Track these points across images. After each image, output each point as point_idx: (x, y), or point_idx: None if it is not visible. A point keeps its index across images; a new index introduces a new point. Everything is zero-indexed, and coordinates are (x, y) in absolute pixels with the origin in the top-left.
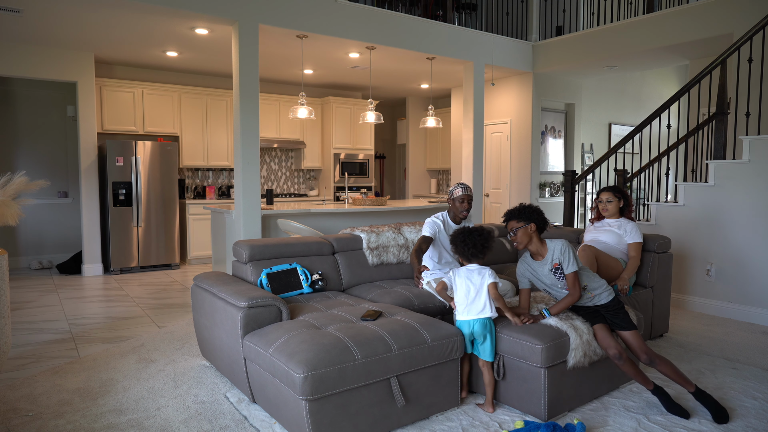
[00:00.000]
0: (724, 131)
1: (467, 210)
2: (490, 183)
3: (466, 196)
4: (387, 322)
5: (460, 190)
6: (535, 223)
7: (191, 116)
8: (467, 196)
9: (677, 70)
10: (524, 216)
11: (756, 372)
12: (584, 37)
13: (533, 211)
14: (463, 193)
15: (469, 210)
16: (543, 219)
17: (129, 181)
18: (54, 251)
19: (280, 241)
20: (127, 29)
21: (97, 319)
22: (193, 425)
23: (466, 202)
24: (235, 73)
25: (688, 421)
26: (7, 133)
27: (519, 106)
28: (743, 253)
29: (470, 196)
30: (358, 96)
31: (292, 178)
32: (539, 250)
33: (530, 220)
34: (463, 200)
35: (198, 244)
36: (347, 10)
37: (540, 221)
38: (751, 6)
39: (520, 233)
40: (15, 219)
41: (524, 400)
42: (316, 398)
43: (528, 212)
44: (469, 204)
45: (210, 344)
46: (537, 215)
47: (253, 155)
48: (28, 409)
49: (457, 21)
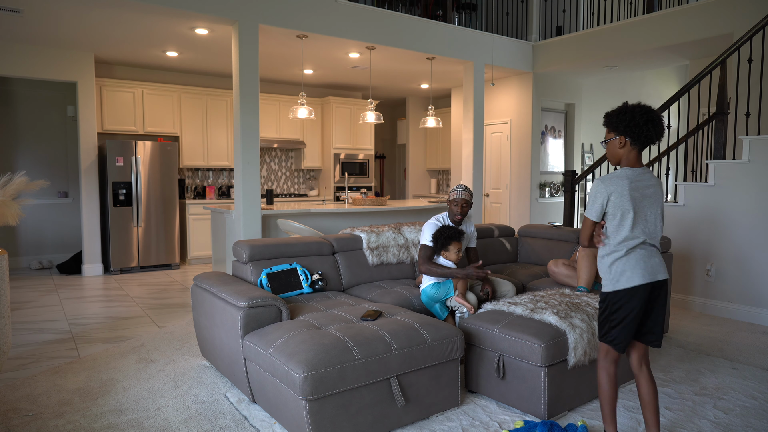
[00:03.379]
0: (724, 131)
1: (460, 214)
2: (490, 183)
3: (461, 200)
4: (387, 322)
5: (456, 193)
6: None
7: (191, 116)
8: (462, 200)
9: (677, 70)
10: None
11: (756, 372)
12: (584, 37)
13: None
14: (458, 196)
15: (462, 214)
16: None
17: (129, 181)
18: (54, 251)
19: (280, 241)
20: (127, 29)
21: (97, 319)
22: (193, 425)
23: (459, 206)
24: (235, 73)
25: (688, 422)
26: (7, 133)
27: (519, 106)
28: (743, 253)
29: (466, 200)
30: (358, 96)
31: (292, 178)
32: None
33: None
34: (457, 204)
35: (198, 244)
36: (347, 10)
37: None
38: (751, 6)
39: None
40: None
41: (524, 399)
42: (316, 398)
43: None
44: (462, 209)
45: (210, 344)
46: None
47: (253, 155)
48: (28, 409)
49: (457, 21)
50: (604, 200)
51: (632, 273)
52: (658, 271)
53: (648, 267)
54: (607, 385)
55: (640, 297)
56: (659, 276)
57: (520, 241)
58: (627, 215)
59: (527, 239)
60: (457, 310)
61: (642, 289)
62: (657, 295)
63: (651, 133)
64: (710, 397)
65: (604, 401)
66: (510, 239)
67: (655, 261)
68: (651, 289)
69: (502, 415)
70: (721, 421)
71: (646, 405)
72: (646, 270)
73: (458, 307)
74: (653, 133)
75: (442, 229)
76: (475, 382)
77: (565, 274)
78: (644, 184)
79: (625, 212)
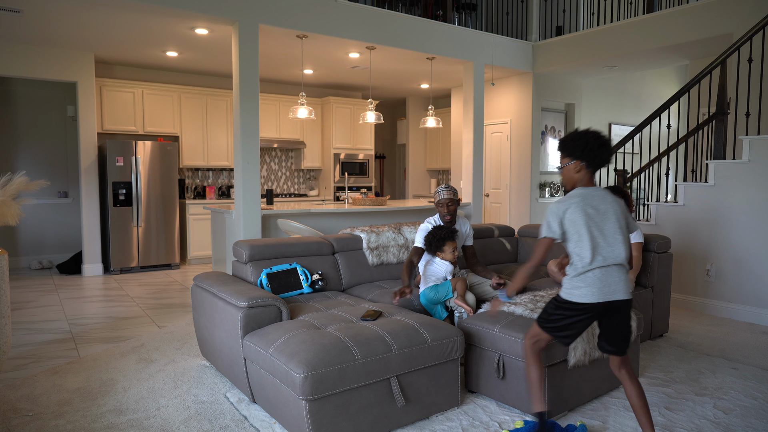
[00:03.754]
0: (724, 131)
1: (449, 214)
2: (490, 183)
3: (446, 201)
4: (387, 322)
5: (440, 194)
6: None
7: (191, 116)
8: (447, 200)
9: (677, 70)
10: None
11: (756, 372)
12: (584, 37)
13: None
14: (443, 197)
15: (451, 214)
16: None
17: (129, 181)
18: (54, 251)
19: (280, 241)
20: (127, 29)
21: (97, 319)
22: (193, 425)
23: (445, 207)
24: (235, 73)
25: (688, 422)
26: (7, 133)
27: (519, 106)
28: (743, 253)
29: (451, 199)
30: (358, 96)
31: (292, 178)
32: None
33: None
34: (443, 204)
35: (198, 244)
36: (347, 10)
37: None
38: (751, 6)
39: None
40: (15, 219)
41: (524, 399)
42: (316, 398)
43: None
44: (449, 208)
45: (210, 344)
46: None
47: (253, 155)
48: (28, 409)
49: (457, 21)
50: (561, 217)
51: (586, 290)
52: (616, 291)
53: (604, 287)
54: (535, 367)
55: (588, 313)
56: (616, 296)
57: (520, 241)
58: (583, 234)
59: (527, 239)
60: (456, 310)
61: (592, 307)
62: (613, 314)
63: (605, 156)
64: (710, 397)
65: (533, 382)
66: (510, 239)
67: (614, 280)
68: (605, 309)
69: (502, 415)
70: (721, 421)
71: (635, 408)
72: (601, 290)
73: (457, 308)
74: (606, 155)
75: (435, 230)
76: (475, 382)
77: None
78: (599, 201)
79: (581, 231)
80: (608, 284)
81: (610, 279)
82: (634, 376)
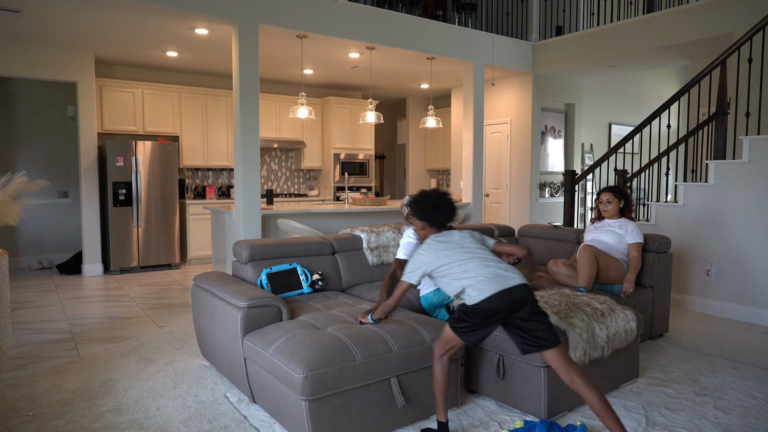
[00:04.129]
0: (724, 131)
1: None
2: (490, 183)
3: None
4: (387, 322)
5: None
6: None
7: (191, 116)
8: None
9: (677, 70)
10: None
11: (756, 372)
12: (584, 37)
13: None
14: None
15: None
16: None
17: (129, 181)
18: (54, 251)
19: (280, 241)
20: (127, 29)
21: (97, 319)
22: (193, 425)
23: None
24: (235, 73)
25: (688, 422)
26: (7, 133)
27: (519, 106)
28: (743, 253)
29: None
30: (358, 96)
31: (292, 178)
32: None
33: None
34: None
35: (198, 244)
36: (347, 10)
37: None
38: (751, 6)
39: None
40: (15, 219)
41: (524, 399)
42: (316, 398)
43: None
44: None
45: (210, 344)
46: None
47: (253, 155)
48: (28, 409)
49: (457, 21)
50: (425, 266)
51: (483, 288)
52: (510, 279)
53: (497, 278)
54: (441, 375)
55: (494, 314)
56: (512, 282)
57: (520, 241)
58: (453, 259)
59: (527, 239)
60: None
61: (496, 301)
62: (518, 306)
63: (440, 217)
64: (710, 397)
65: (438, 390)
66: (510, 239)
67: (502, 272)
68: (509, 303)
69: (502, 415)
70: (721, 421)
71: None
72: (495, 282)
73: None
74: (442, 216)
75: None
76: (475, 382)
77: (565, 274)
78: (447, 237)
79: (450, 260)
80: (499, 276)
81: (499, 272)
82: (590, 382)
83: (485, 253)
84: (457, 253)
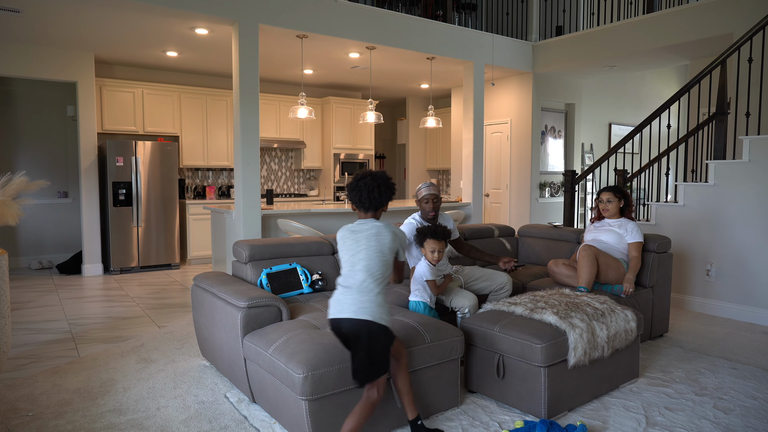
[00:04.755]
0: (724, 131)
1: (433, 210)
2: (490, 183)
3: (431, 196)
4: None
5: (424, 190)
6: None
7: (191, 116)
8: (432, 196)
9: (677, 70)
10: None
11: (756, 372)
12: (584, 37)
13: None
14: (427, 193)
15: (435, 209)
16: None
17: (129, 181)
18: (54, 251)
19: (280, 241)
20: (126, 29)
21: (97, 319)
22: (193, 425)
23: (431, 203)
24: (235, 73)
25: (688, 422)
26: (7, 133)
27: (519, 106)
28: (743, 253)
29: (435, 195)
30: (358, 96)
31: (292, 178)
32: None
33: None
34: (428, 200)
35: (198, 244)
36: (347, 10)
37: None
38: (751, 6)
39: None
40: (15, 219)
41: (524, 399)
42: (316, 398)
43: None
44: (434, 203)
45: (210, 344)
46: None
47: (253, 155)
48: (28, 409)
49: (457, 21)
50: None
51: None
52: (342, 310)
53: (335, 304)
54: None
55: (334, 332)
56: (342, 314)
57: (520, 241)
58: (343, 255)
59: (527, 239)
60: (459, 310)
61: (331, 325)
62: (344, 335)
63: (357, 200)
64: (710, 397)
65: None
66: (510, 239)
67: (348, 301)
68: (337, 329)
69: (502, 415)
70: (721, 421)
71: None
72: (332, 307)
73: (459, 308)
74: (358, 199)
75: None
76: (475, 382)
77: (565, 274)
78: (356, 228)
79: (342, 253)
80: (340, 302)
81: (345, 299)
82: (370, 405)
83: (368, 260)
84: (348, 248)
